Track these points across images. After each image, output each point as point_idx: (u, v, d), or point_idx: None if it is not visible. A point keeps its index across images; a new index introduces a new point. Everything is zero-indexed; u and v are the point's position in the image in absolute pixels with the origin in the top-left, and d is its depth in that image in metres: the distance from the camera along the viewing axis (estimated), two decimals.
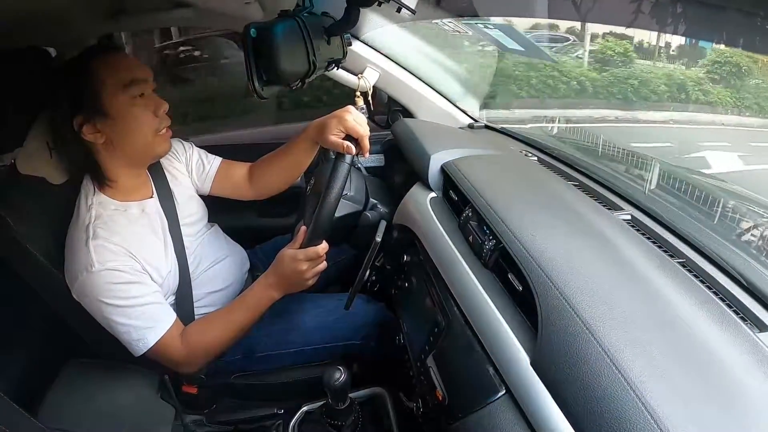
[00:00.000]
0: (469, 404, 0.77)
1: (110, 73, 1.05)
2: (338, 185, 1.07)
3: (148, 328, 1.06)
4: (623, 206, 1.13)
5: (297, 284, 1.13)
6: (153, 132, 1.11)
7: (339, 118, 1.14)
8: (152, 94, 1.12)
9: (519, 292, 0.81)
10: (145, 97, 1.09)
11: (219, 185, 1.40)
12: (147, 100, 1.09)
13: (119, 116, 1.06)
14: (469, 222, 1.00)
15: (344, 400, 1.09)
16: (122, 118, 1.06)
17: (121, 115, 1.06)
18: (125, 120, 1.07)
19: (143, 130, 1.10)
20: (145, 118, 1.09)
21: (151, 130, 1.10)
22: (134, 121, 1.08)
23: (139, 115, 1.08)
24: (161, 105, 1.11)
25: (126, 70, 1.07)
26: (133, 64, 1.10)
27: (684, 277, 0.81)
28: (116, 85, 1.05)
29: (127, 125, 1.07)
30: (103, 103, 1.04)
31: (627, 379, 0.57)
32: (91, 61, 1.05)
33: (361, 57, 1.61)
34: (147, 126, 1.10)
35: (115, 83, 1.05)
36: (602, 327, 0.64)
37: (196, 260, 1.22)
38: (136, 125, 1.08)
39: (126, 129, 1.08)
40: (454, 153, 1.24)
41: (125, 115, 1.06)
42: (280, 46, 0.86)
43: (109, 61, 1.06)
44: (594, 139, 1.79)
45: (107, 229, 1.05)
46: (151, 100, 1.11)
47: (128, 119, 1.07)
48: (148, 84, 1.10)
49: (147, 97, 1.10)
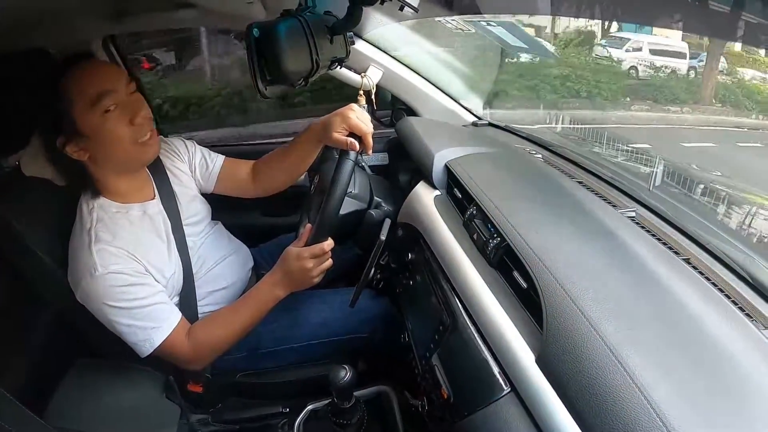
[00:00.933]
0: (474, 402, 0.77)
1: (77, 90, 1.02)
2: (343, 182, 1.07)
3: (153, 328, 1.06)
4: (627, 203, 1.13)
5: (302, 282, 1.13)
6: (132, 142, 1.07)
7: (342, 115, 1.16)
8: (128, 101, 1.07)
9: (523, 290, 0.81)
10: (119, 107, 1.05)
11: (222, 183, 1.40)
12: (120, 111, 1.05)
13: (93, 134, 1.04)
14: (473, 220, 1.00)
15: (350, 399, 1.09)
16: (97, 135, 1.04)
17: (95, 133, 1.03)
18: (100, 137, 1.04)
19: (121, 143, 1.06)
20: (119, 131, 1.05)
21: (129, 142, 1.07)
22: (110, 136, 1.05)
23: (113, 129, 1.04)
24: (138, 112, 1.07)
25: (91, 84, 1.03)
26: (99, 74, 1.06)
27: (689, 274, 0.81)
28: (84, 102, 1.02)
29: (104, 141, 1.05)
30: (77, 123, 1.02)
31: (632, 377, 0.57)
32: (59, 82, 1.02)
33: (364, 55, 1.61)
34: (124, 138, 1.06)
35: (83, 101, 1.02)
36: (607, 325, 0.64)
37: (199, 260, 1.22)
38: (113, 139, 1.05)
39: (104, 145, 1.05)
40: (458, 151, 1.24)
41: (99, 132, 1.04)
42: (283, 45, 0.86)
43: (76, 77, 1.03)
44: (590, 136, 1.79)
45: (109, 232, 1.05)
46: (126, 108, 1.06)
47: (103, 135, 1.04)
48: (119, 92, 1.05)
49: (121, 107, 1.05)
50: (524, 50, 2.13)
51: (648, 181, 1.31)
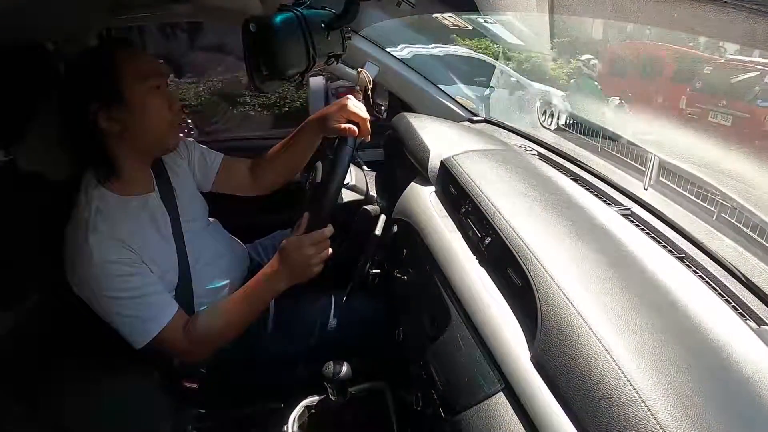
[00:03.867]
0: (468, 399, 0.77)
1: (130, 63, 1.07)
2: (342, 167, 1.09)
3: (149, 318, 1.06)
4: (622, 201, 1.13)
5: (302, 271, 1.11)
6: (167, 123, 1.12)
7: (340, 105, 1.20)
8: (167, 90, 1.14)
9: (518, 287, 0.81)
10: (162, 90, 1.11)
11: (221, 182, 1.40)
12: (163, 93, 1.11)
13: (137, 104, 1.07)
14: (468, 216, 1.00)
15: (344, 395, 1.09)
16: (140, 106, 1.07)
17: (139, 104, 1.07)
18: (143, 108, 1.08)
19: (159, 120, 1.11)
20: (161, 108, 1.10)
21: (166, 121, 1.12)
22: (151, 110, 1.09)
23: (156, 105, 1.09)
24: (176, 100, 1.14)
25: (145, 63, 1.10)
26: (150, 58, 1.14)
27: (683, 271, 0.82)
28: (136, 74, 1.06)
29: (144, 114, 1.08)
30: (122, 90, 1.05)
31: (626, 374, 0.57)
32: (112, 51, 1.07)
33: (361, 51, 1.61)
34: (163, 116, 1.11)
35: (135, 73, 1.06)
36: (601, 322, 0.64)
37: (196, 256, 1.22)
38: (153, 114, 1.09)
39: (142, 117, 1.08)
40: (453, 148, 1.24)
41: (143, 104, 1.07)
42: (280, 41, 0.86)
43: (129, 52, 1.09)
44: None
45: (107, 224, 1.05)
46: (167, 94, 1.13)
47: (146, 108, 1.08)
48: (164, 78, 1.13)
49: (163, 91, 1.12)
50: (520, 46, 2.13)
51: (643, 179, 1.31)
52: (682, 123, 1.50)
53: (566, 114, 1.82)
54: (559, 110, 1.84)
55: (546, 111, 1.91)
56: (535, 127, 1.91)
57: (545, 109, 1.92)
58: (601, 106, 2.00)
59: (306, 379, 1.28)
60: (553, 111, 1.87)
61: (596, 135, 1.66)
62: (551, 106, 1.88)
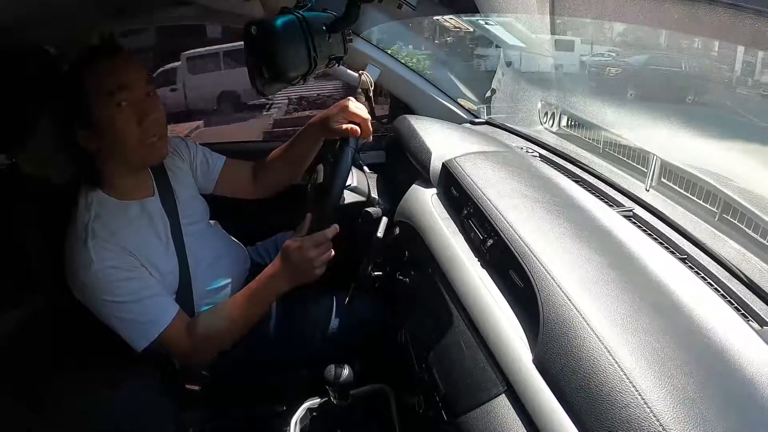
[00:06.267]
0: (470, 401, 0.77)
1: (96, 80, 1.02)
2: (344, 168, 1.09)
3: (150, 321, 1.06)
4: (624, 202, 1.13)
5: (304, 273, 1.10)
6: (138, 142, 1.07)
7: (341, 106, 1.20)
8: (142, 101, 1.06)
9: (520, 289, 0.81)
10: (131, 105, 1.04)
11: (223, 184, 1.41)
12: (132, 110, 1.05)
13: (103, 126, 1.04)
14: (470, 218, 1.00)
15: (346, 397, 1.09)
16: (106, 128, 1.04)
17: (104, 125, 1.03)
18: (109, 130, 1.04)
19: (127, 141, 1.06)
20: (128, 128, 1.05)
21: (135, 141, 1.06)
22: (117, 131, 1.04)
23: (121, 125, 1.04)
24: (149, 114, 1.06)
25: (112, 74, 1.03)
26: (120, 67, 1.05)
27: (685, 273, 0.81)
28: (101, 92, 1.02)
29: (111, 135, 1.05)
30: (91, 113, 1.02)
31: (628, 376, 0.57)
32: (81, 70, 1.02)
33: (363, 54, 1.61)
34: (130, 136, 1.05)
35: (100, 91, 1.02)
36: (603, 323, 0.64)
37: (196, 258, 1.22)
38: (119, 135, 1.05)
39: (111, 139, 1.05)
40: (455, 149, 1.24)
41: (108, 125, 1.03)
42: (281, 43, 0.86)
43: (98, 67, 1.03)
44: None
45: (106, 228, 1.05)
46: (139, 108, 1.05)
47: (111, 129, 1.04)
48: (135, 90, 1.05)
49: (134, 106, 1.05)
50: (521, 49, 2.13)
51: (645, 180, 1.31)
52: (684, 123, 1.49)
53: (567, 115, 1.81)
54: (560, 111, 1.83)
55: (548, 112, 1.91)
56: (536, 128, 1.91)
57: (546, 110, 1.91)
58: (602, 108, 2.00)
59: (308, 382, 1.28)
60: (555, 112, 1.86)
61: (598, 136, 1.66)
62: (552, 107, 1.88)
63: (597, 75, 3.33)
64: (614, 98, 2.37)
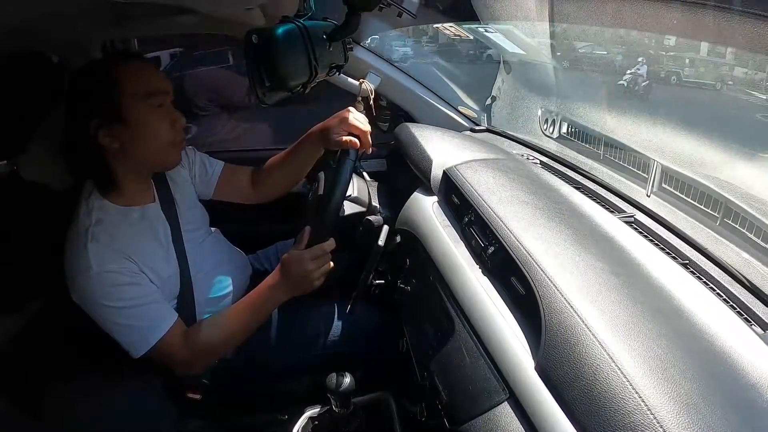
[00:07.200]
0: (473, 409, 0.77)
1: (132, 80, 1.05)
2: (344, 181, 1.09)
3: (148, 327, 1.06)
4: (625, 208, 1.13)
5: (303, 285, 1.12)
6: (167, 143, 1.11)
7: (341, 118, 1.21)
8: (171, 107, 1.12)
9: (522, 296, 0.80)
10: (164, 108, 1.10)
11: (222, 189, 1.41)
12: (165, 111, 1.10)
13: (136, 124, 1.06)
14: (471, 226, 1.00)
15: (348, 406, 1.09)
16: (138, 126, 1.06)
17: (137, 123, 1.06)
18: (141, 128, 1.07)
19: (158, 140, 1.10)
20: (161, 128, 1.09)
21: (166, 141, 1.10)
22: (150, 130, 1.08)
23: (155, 124, 1.08)
24: (179, 118, 1.12)
25: (148, 79, 1.08)
26: (155, 74, 1.11)
27: (687, 278, 0.81)
28: (136, 93, 1.05)
29: (143, 133, 1.07)
30: (122, 109, 1.04)
31: (631, 382, 0.57)
32: (114, 67, 1.05)
33: (363, 62, 1.62)
34: (162, 136, 1.10)
35: (136, 91, 1.05)
36: (605, 329, 0.64)
37: (197, 265, 1.22)
38: (152, 134, 1.08)
39: (141, 137, 1.08)
40: (456, 157, 1.24)
41: (142, 124, 1.06)
42: (282, 52, 0.87)
43: (132, 68, 1.07)
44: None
45: (106, 233, 1.05)
46: (170, 112, 1.11)
47: (144, 128, 1.07)
48: (167, 96, 1.11)
49: (165, 109, 1.10)
50: (522, 56, 2.13)
51: (646, 186, 1.31)
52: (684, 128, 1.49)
53: (567, 122, 1.81)
54: (560, 118, 1.83)
55: (548, 119, 1.91)
56: (536, 135, 1.91)
57: (547, 117, 1.92)
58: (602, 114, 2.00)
59: (309, 390, 1.28)
60: (555, 119, 1.87)
61: (598, 142, 1.66)
62: (552, 114, 1.88)
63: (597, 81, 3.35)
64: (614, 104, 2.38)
